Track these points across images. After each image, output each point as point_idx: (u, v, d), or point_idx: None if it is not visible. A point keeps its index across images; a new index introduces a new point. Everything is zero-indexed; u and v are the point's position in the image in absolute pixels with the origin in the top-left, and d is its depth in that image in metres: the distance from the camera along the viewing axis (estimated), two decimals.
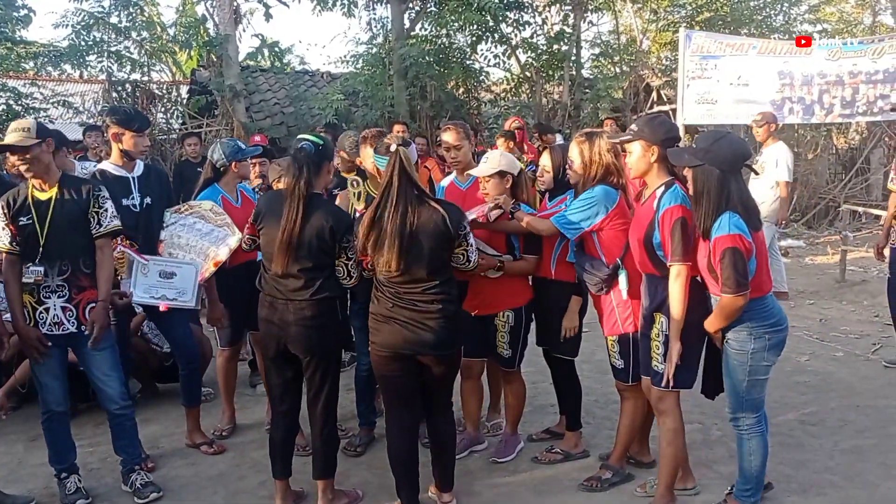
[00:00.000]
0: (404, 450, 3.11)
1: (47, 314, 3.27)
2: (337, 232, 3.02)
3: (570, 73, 12.15)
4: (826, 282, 7.80)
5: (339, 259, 3.08)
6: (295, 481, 3.37)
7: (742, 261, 2.72)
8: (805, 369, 5.08)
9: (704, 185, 2.78)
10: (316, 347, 3.10)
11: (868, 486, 3.41)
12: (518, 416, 3.84)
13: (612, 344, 3.40)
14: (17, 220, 3.21)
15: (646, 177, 3.07)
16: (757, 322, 2.85)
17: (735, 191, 2.78)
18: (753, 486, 3.03)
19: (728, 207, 2.75)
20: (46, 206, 3.24)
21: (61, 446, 3.43)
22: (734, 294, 2.73)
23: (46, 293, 3.27)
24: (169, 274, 3.70)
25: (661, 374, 3.04)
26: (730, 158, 2.79)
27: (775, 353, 2.94)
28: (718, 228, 2.74)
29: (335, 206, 3.24)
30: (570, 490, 3.43)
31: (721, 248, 2.72)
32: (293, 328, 3.06)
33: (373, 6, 12.12)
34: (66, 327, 3.30)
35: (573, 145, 3.42)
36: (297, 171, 3.02)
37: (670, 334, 2.97)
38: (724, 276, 2.72)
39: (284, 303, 3.07)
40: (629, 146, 3.08)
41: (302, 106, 11.33)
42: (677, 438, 3.09)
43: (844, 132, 13.05)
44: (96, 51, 11.38)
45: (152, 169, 3.94)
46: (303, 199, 2.99)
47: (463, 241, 3.00)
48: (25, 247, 3.24)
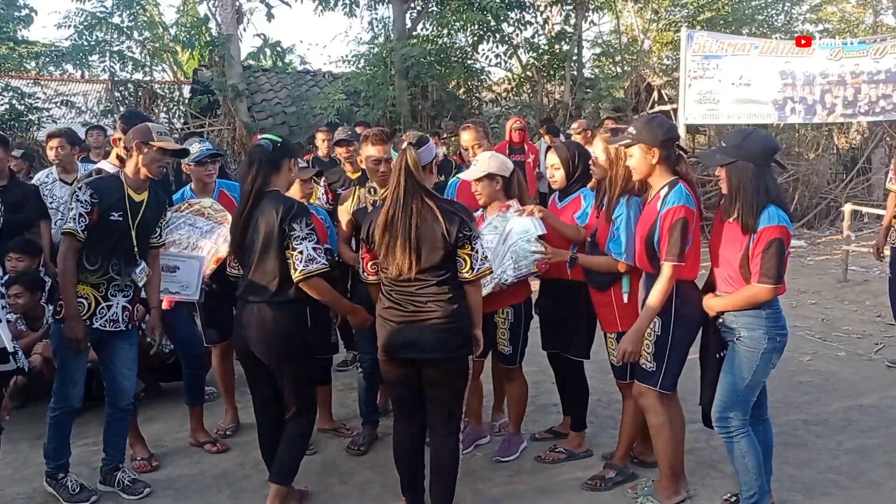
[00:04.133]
0: (409, 452, 3.07)
1: (108, 311, 3.30)
2: (283, 220, 2.90)
3: (571, 73, 12.15)
4: (828, 282, 7.81)
5: (287, 251, 2.93)
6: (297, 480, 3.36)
7: (784, 253, 2.74)
8: (808, 369, 5.08)
9: (741, 182, 2.79)
10: (277, 353, 3.01)
11: (872, 485, 3.41)
12: (520, 414, 3.84)
13: (612, 341, 3.40)
14: (109, 214, 3.23)
15: (649, 178, 3.07)
16: (772, 322, 2.86)
17: (772, 184, 2.80)
18: (757, 490, 3.00)
19: (769, 200, 2.76)
20: (139, 207, 3.31)
21: (63, 442, 3.44)
22: (773, 285, 2.73)
23: (115, 290, 3.31)
24: (172, 268, 3.69)
25: (648, 372, 3.06)
26: (761, 153, 2.81)
27: (778, 357, 2.94)
28: (767, 219, 2.74)
29: (288, 198, 3.06)
30: (573, 489, 3.43)
31: (769, 237, 2.72)
32: (254, 331, 2.99)
33: (374, 6, 12.15)
34: (119, 325, 3.35)
35: (597, 141, 3.39)
36: (249, 168, 2.99)
37: (639, 324, 2.98)
38: (766, 265, 2.72)
39: (246, 304, 3.04)
40: (627, 150, 3.07)
41: (304, 105, 11.34)
42: (663, 432, 3.10)
43: (846, 132, 13.05)
44: (98, 51, 11.41)
45: None
46: (252, 196, 2.96)
47: (466, 245, 2.84)
48: (109, 241, 3.25)
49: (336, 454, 3.89)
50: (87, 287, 3.25)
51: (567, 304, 3.58)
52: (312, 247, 2.93)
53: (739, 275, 2.84)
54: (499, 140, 9.26)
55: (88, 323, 3.24)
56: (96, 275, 3.25)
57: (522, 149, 7.85)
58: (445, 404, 2.97)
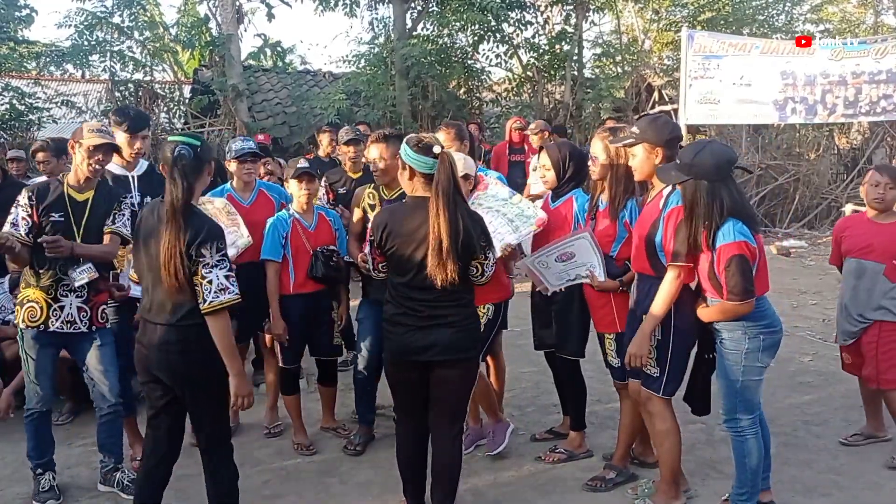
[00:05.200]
0: (412, 455, 3.06)
1: (61, 312, 3.28)
2: (190, 245, 2.58)
3: (571, 73, 12.15)
4: (829, 282, 7.79)
5: (195, 277, 2.61)
6: (297, 480, 3.36)
7: (748, 267, 2.71)
8: (808, 370, 5.07)
9: (694, 199, 2.77)
10: (180, 376, 2.72)
11: (872, 486, 3.41)
12: (489, 404, 3.76)
13: (609, 342, 3.39)
14: (49, 215, 3.22)
15: (651, 178, 3.06)
16: (751, 322, 2.84)
17: (727, 198, 2.75)
18: (749, 489, 3.01)
19: (728, 215, 2.74)
20: (83, 206, 3.29)
21: (42, 441, 3.47)
22: (741, 301, 2.72)
23: (64, 291, 3.29)
24: None
25: (651, 378, 3.04)
26: (713, 168, 2.76)
27: (769, 355, 2.93)
28: (723, 237, 2.72)
29: (200, 218, 2.70)
30: (574, 490, 3.43)
31: (727, 255, 2.71)
32: (155, 352, 2.70)
33: (375, 6, 12.17)
34: (78, 327, 3.32)
35: (596, 140, 3.37)
36: (176, 180, 2.60)
37: (643, 327, 2.96)
38: (730, 283, 2.71)
39: (151, 325, 2.74)
40: (630, 149, 3.06)
41: (304, 105, 11.36)
42: (667, 439, 3.08)
43: (846, 132, 13.03)
44: (99, 51, 11.43)
45: (155, 168, 3.94)
46: (176, 212, 2.59)
47: (480, 254, 2.85)
48: None
49: (336, 454, 3.88)
50: (38, 291, 3.25)
51: (560, 302, 3.59)
52: (224, 275, 2.65)
53: (712, 286, 2.82)
54: (499, 140, 9.27)
55: (44, 327, 3.26)
56: (45, 277, 3.26)
57: (522, 149, 7.85)
58: (451, 406, 2.96)
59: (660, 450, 3.15)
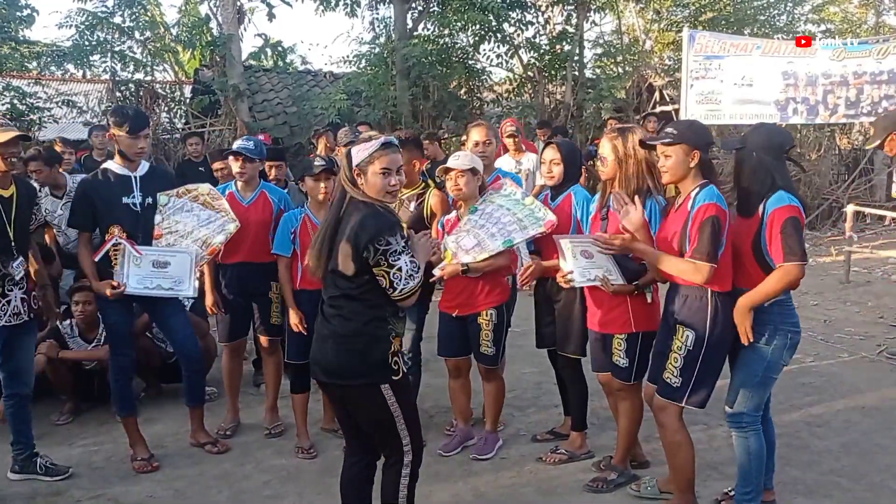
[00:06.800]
0: (345, 482, 2.72)
1: (9, 307, 3.40)
2: None
3: (572, 73, 12.13)
4: (830, 283, 7.79)
5: None
6: (297, 480, 3.36)
7: (801, 231, 2.74)
8: (810, 370, 5.06)
9: (747, 166, 2.85)
10: None
11: (875, 487, 3.40)
12: (497, 413, 3.86)
13: (619, 342, 3.31)
14: None
15: (681, 181, 2.96)
16: (783, 318, 2.85)
17: (778, 174, 2.82)
18: (753, 488, 3.00)
19: (778, 185, 2.79)
20: (9, 202, 3.40)
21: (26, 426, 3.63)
22: (800, 261, 2.71)
23: (10, 285, 3.39)
24: (163, 263, 3.61)
25: (671, 387, 2.96)
26: (766, 142, 2.86)
27: (790, 354, 2.93)
28: (777, 201, 2.75)
29: None
30: (575, 491, 3.42)
31: (783, 217, 2.72)
32: None
33: (375, 6, 12.14)
34: (22, 317, 3.46)
35: (604, 140, 3.33)
36: None
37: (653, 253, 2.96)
38: (789, 243, 2.69)
39: None
40: (666, 149, 2.93)
41: (305, 106, 11.35)
42: (680, 450, 3.04)
43: (848, 133, 13.02)
44: (100, 50, 11.44)
45: (157, 169, 3.94)
46: None
47: (381, 261, 2.42)
48: None
49: (336, 454, 3.87)
50: None
51: (563, 302, 3.59)
52: None
53: (756, 261, 2.82)
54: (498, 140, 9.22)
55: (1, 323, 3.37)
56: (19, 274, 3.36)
57: (520, 148, 7.82)
58: (371, 432, 2.62)
59: (673, 461, 3.10)
